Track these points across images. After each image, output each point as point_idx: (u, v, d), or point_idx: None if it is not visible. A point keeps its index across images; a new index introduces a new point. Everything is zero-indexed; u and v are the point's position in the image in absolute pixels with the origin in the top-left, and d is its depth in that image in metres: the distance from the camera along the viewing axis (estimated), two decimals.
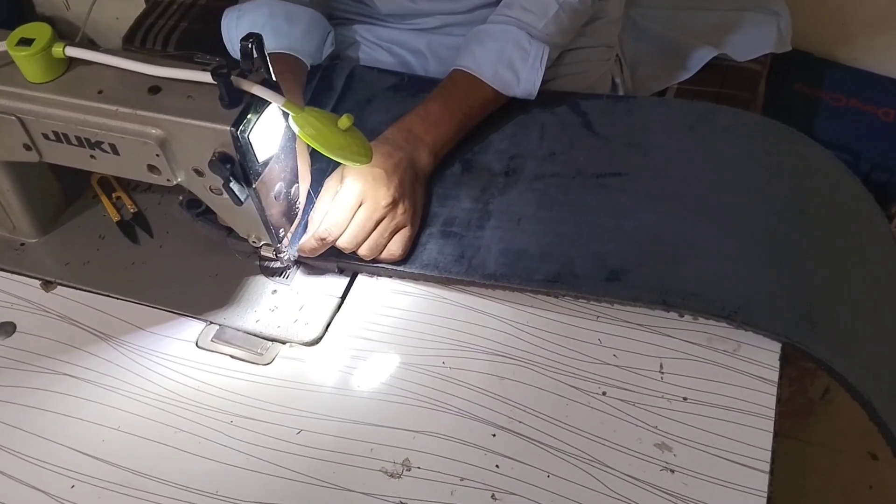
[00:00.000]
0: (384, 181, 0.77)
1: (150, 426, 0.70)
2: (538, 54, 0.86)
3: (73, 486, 0.67)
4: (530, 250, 0.77)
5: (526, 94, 0.88)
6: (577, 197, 0.81)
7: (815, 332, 0.71)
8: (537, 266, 0.76)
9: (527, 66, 0.86)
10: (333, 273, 0.80)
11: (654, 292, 0.73)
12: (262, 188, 0.69)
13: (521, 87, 0.87)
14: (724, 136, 0.86)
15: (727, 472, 0.65)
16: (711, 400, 0.69)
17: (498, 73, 0.86)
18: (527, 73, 0.86)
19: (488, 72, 0.86)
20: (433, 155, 0.83)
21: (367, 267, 0.79)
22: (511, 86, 0.87)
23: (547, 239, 0.78)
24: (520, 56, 0.86)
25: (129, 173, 0.72)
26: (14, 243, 0.85)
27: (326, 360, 0.74)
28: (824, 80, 1.42)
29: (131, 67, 0.68)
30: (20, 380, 0.74)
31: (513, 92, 0.87)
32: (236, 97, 0.65)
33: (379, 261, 0.78)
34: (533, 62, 0.86)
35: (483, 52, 0.87)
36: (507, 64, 0.86)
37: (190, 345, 0.76)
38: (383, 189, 0.77)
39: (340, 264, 0.79)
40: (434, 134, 0.84)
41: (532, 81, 0.87)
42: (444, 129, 0.84)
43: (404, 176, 0.79)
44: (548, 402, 0.70)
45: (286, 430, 0.70)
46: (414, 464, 0.67)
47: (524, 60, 0.86)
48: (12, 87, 0.70)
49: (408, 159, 0.80)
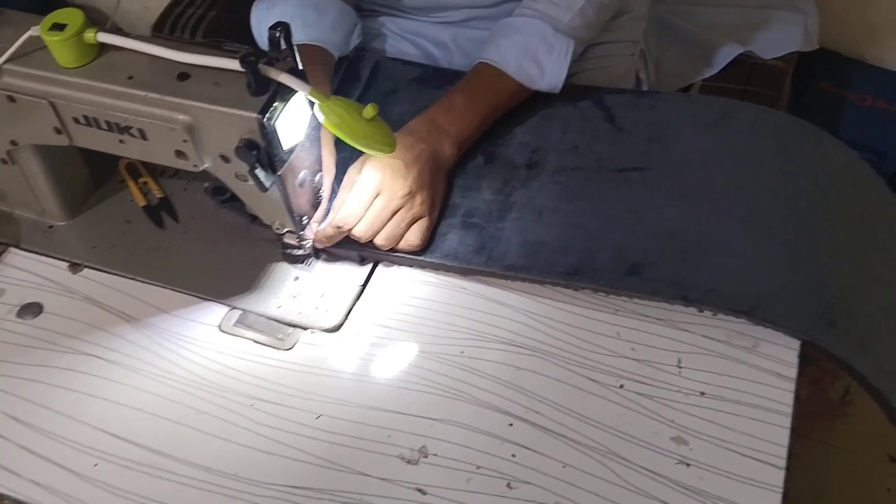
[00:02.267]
0: (402, 172, 0.78)
1: (173, 407, 0.72)
2: (563, 48, 0.86)
3: (97, 465, 0.69)
4: (550, 243, 0.78)
5: (550, 88, 0.88)
6: (599, 191, 0.82)
7: (835, 331, 0.71)
8: (557, 258, 0.77)
9: (551, 60, 0.86)
10: (355, 262, 0.81)
11: (674, 287, 0.73)
12: (287, 176, 0.70)
13: (546, 80, 0.87)
14: (747, 132, 0.85)
15: (743, 467, 0.65)
16: (729, 395, 0.69)
17: (522, 67, 0.86)
18: (551, 66, 0.86)
19: (513, 65, 0.86)
20: (457, 146, 0.84)
21: (389, 256, 0.79)
22: (535, 79, 0.87)
23: (567, 232, 0.79)
24: (545, 50, 0.86)
25: (156, 158, 0.73)
26: (42, 226, 0.87)
27: (346, 346, 0.75)
28: (850, 80, 1.41)
29: (161, 54, 0.69)
30: (47, 359, 0.76)
31: (537, 85, 0.87)
32: (263, 85, 0.66)
33: (397, 250, 0.79)
34: (558, 56, 0.86)
35: (508, 46, 0.87)
36: (532, 57, 0.86)
37: (213, 329, 0.77)
38: (401, 180, 0.77)
39: (362, 253, 0.80)
40: (458, 125, 0.84)
41: (557, 75, 0.87)
42: (467, 121, 0.85)
43: (424, 167, 0.79)
44: (565, 394, 0.70)
45: (306, 414, 0.70)
46: (431, 451, 0.67)
47: (549, 54, 0.86)
48: (45, 72, 0.71)
49: (430, 151, 0.81)
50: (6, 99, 0.73)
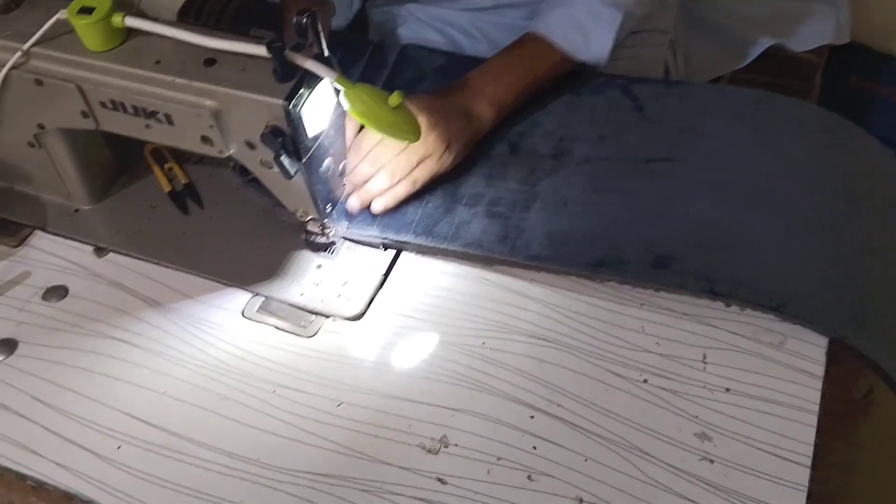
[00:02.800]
0: (435, 125, 0.78)
1: (196, 392, 0.72)
2: (611, 20, 0.85)
3: (120, 447, 0.69)
4: (575, 234, 0.77)
5: (595, 59, 0.87)
6: (626, 182, 0.81)
7: (864, 329, 0.70)
8: (582, 250, 0.76)
9: (598, 30, 0.85)
10: (378, 250, 0.80)
11: (702, 280, 0.72)
12: (312, 163, 0.70)
13: (591, 50, 0.86)
14: (779, 125, 0.84)
15: (768, 464, 0.64)
16: (754, 392, 0.68)
17: (567, 35, 0.85)
18: (597, 36, 0.85)
19: (558, 34, 0.86)
20: (493, 107, 0.84)
21: (412, 244, 0.79)
22: (580, 49, 0.86)
23: (593, 223, 0.78)
24: (591, 20, 0.85)
25: (182, 144, 0.73)
26: (68, 209, 0.87)
27: (368, 335, 0.75)
28: (882, 75, 1.38)
29: (188, 39, 0.69)
30: (72, 342, 0.76)
31: (582, 56, 0.86)
32: (290, 71, 0.66)
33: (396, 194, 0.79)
34: (605, 27, 0.85)
35: (554, 16, 0.86)
36: (578, 27, 0.85)
37: (236, 314, 0.77)
38: (432, 133, 0.78)
39: (385, 241, 0.80)
40: (494, 87, 0.84)
41: (602, 46, 0.86)
42: (505, 83, 0.84)
43: (449, 116, 0.80)
44: (587, 387, 0.69)
45: (327, 401, 0.70)
46: (451, 441, 0.67)
47: (595, 24, 0.85)
48: (72, 55, 0.71)
49: (458, 106, 0.81)
50: (33, 82, 0.73)
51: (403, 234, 0.79)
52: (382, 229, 0.79)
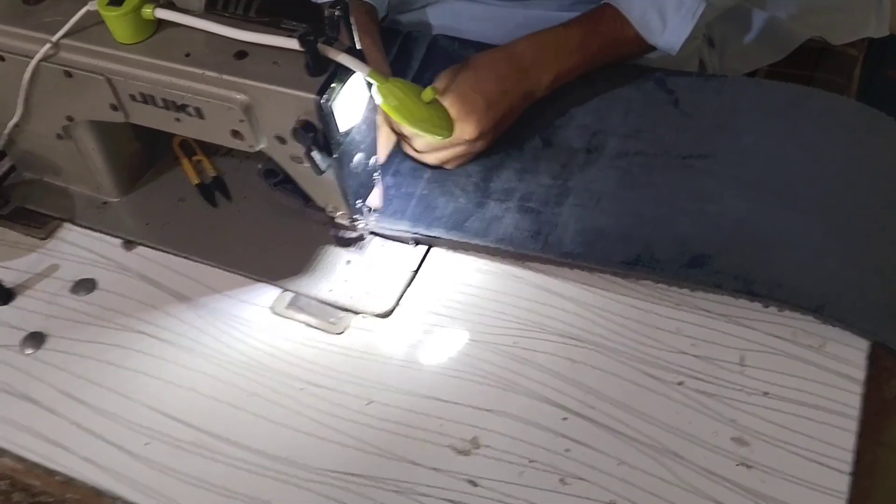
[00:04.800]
0: (480, 112, 0.77)
1: (224, 388, 0.71)
2: (693, 7, 0.83)
3: (148, 444, 0.69)
4: (609, 231, 0.76)
5: (668, 46, 0.84)
6: (661, 178, 0.79)
7: None
8: (616, 247, 0.74)
9: (677, 16, 0.83)
10: (408, 245, 0.79)
11: (739, 280, 0.71)
12: (343, 158, 0.69)
13: (666, 36, 0.84)
14: (817, 121, 0.82)
15: (806, 470, 0.63)
16: (793, 396, 0.66)
17: (646, 16, 0.83)
18: (675, 22, 0.83)
19: (637, 12, 0.83)
20: (555, 78, 0.83)
21: (443, 240, 0.78)
22: (655, 32, 0.84)
23: (627, 220, 0.76)
24: (673, 6, 0.83)
25: (212, 137, 0.73)
26: (97, 202, 0.87)
27: (398, 332, 0.74)
28: None
29: (219, 31, 0.68)
30: (100, 336, 0.76)
31: (655, 39, 0.84)
32: (322, 65, 0.65)
33: None
34: (685, 14, 0.83)
35: None
36: (658, 9, 0.83)
37: (265, 310, 0.76)
38: (473, 123, 0.77)
39: (416, 236, 0.79)
40: (564, 61, 0.83)
41: (678, 33, 0.83)
42: (575, 60, 0.83)
43: (508, 111, 0.80)
44: (621, 389, 0.68)
45: (356, 400, 0.70)
46: (483, 442, 0.66)
47: (677, 10, 0.83)
48: (102, 47, 0.71)
49: (523, 90, 0.81)
50: (63, 74, 0.73)
51: (434, 229, 0.78)
52: (413, 224, 0.78)
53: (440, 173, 0.83)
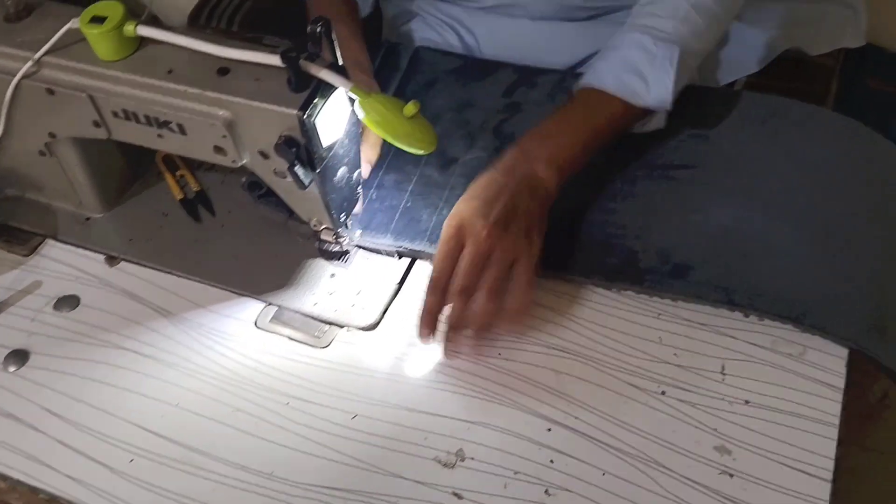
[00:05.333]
0: (483, 210, 0.71)
1: (208, 404, 0.71)
2: (666, 55, 0.78)
3: (132, 460, 0.68)
4: (593, 242, 0.77)
5: (659, 102, 0.79)
6: (643, 188, 0.80)
7: (885, 340, 0.69)
8: (599, 258, 0.75)
9: (654, 70, 0.78)
10: (392, 258, 0.80)
11: (720, 290, 0.71)
12: (326, 172, 0.69)
13: (652, 93, 0.79)
14: (798, 131, 0.83)
15: (788, 478, 0.63)
16: (774, 404, 0.67)
17: (622, 81, 0.79)
18: (655, 75, 0.78)
19: (611, 81, 0.79)
20: (554, 168, 0.75)
21: (426, 253, 0.78)
22: (639, 93, 0.79)
23: (610, 231, 0.77)
24: (646, 60, 0.78)
25: (195, 153, 0.73)
26: (80, 218, 0.87)
27: (383, 345, 0.74)
28: None
29: (201, 48, 0.68)
30: (83, 353, 0.76)
31: (643, 100, 0.79)
32: (304, 81, 0.65)
33: (507, 321, 0.71)
34: (661, 64, 0.78)
35: (605, 65, 0.80)
36: (632, 69, 0.79)
37: (249, 325, 0.76)
38: (482, 219, 0.70)
39: (400, 250, 0.79)
40: (550, 147, 0.76)
41: (663, 86, 0.78)
42: (562, 142, 0.77)
43: (510, 200, 0.72)
44: (605, 399, 0.69)
45: (341, 413, 0.70)
46: (468, 454, 0.67)
47: (650, 63, 0.78)
48: (84, 65, 0.71)
49: (517, 180, 0.73)
50: (45, 91, 0.73)
51: (418, 243, 0.78)
52: (397, 237, 0.79)
53: (424, 185, 0.83)
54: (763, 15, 1.05)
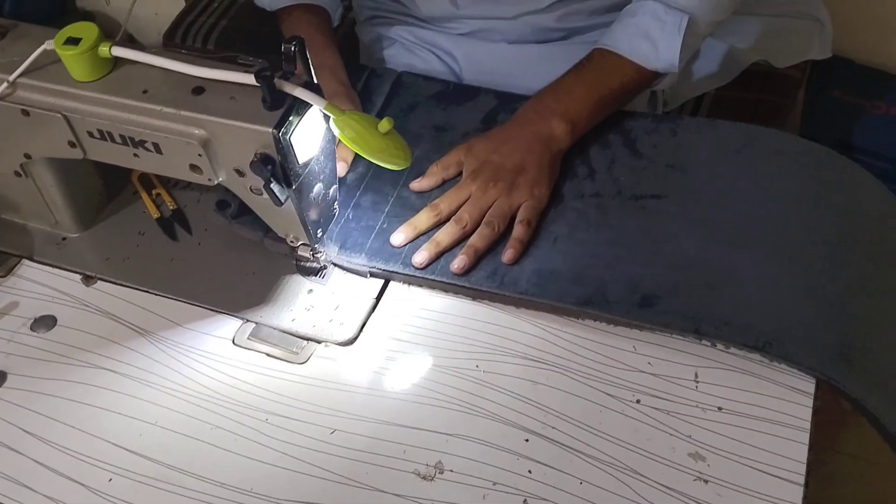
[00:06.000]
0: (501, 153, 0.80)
1: (187, 422, 0.71)
2: (676, 23, 0.84)
3: (111, 480, 0.68)
4: (563, 272, 0.77)
5: (667, 66, 0.86)
6: (616, 219, 0.80)
7: (851, 369, 0.69)
8: (570, 288, 0.75)
9: (664, 36, 0.85)
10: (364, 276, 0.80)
11: (688, 320, 0.72)
12: (303, 189, 0.70)
13: (661, 55, 0.85)
14: (770, 161, 0.84)
15: (761, 483, 0.64)
16: (746, 410, 0.68)
17: (634, 45, 0.85)
18: (665, 42, 0.85)
19: (624, 44, 0.86)
20: (568, 123, 0.83)
21: (400, 274, 0.78)
22: (650, 58, 0.85)
23: (581, 261, 0.77)
24: (657, 27, 0.85)
25: (171, 172, 0.73)
26: (56, 238, 0.87)
27: (361, 360, 0.75)
28: (864, 88, 1.40)
29: (176, 68, 0.69)
30: (61, 373, 0.76)
31: (652, 64, 0.86)
32: (279, 99, 0.66)
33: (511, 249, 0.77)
34: (671, 31, 0.84)
35: (620, 29, 0.87)
36: (644, 35, 0.85)
37: (227, 342, 0.77)
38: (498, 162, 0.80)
39: (373, 270, 0.79)
40: (566, 102, 0.84)
41: (671, 51, 0.85)
42: (577, 98, 0.84)
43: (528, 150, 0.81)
44: (581, 409, 0.70)
45: (320, 429, 0.70)
46: (447, 467, 0.67)
47: (661, 30, 0.85)
48: (59, 86, 0.71)
49: (531, 134, 0.82)
50: (20, 112, 0.73)
51: (392, 264, 0.78)
52: (371, 258, 0.79)
53: (400, 207, 0.84)
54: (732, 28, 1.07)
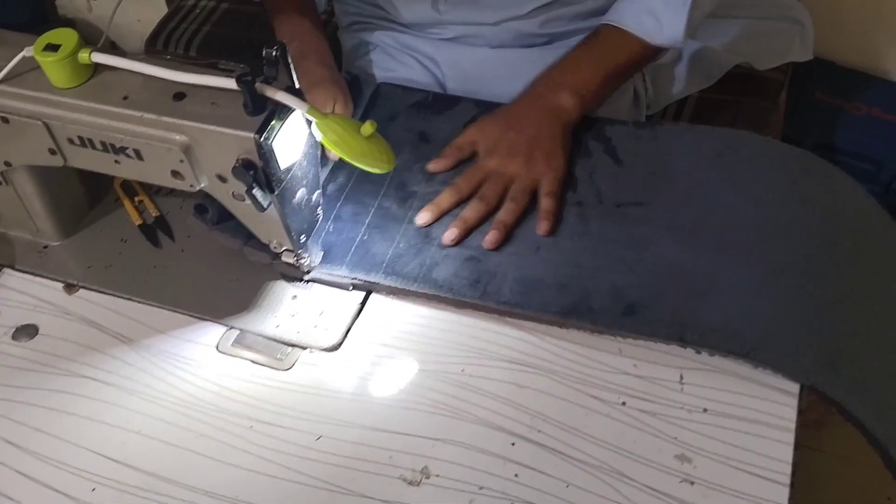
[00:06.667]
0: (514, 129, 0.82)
1: (171, 430, 0.71)
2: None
3: (94, 489, 0.68)
4: (547, 280, 0.76)
5: (671, 41, 0.87)
6: (598, 226, 0.80)
7: (836, 375, 0.69)
8: (553, 297, 0.75)
9: (669, 11, 0.86)
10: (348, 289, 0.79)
11: (672, 328, 0.71)
12: (285, 194, 0.70)
13: (665, 32, 0.87)
14: (751, 166, 0.84)
15: (747, 484, 0.64)
16: (732, 412, 0.68)
17: (640, 20, 0.87)
18: (669, 17, 0.86)
19: (629, 19, 0.87)
20: (576, 97, 0.85)
21: (381, 285, 0.78)
22: (654, 32, 0.87)
23: (564, 270, 0.77)
24: (662, 2, 0.86)
25: (152, 178, 0.73)
26: (37, 246, 0.86)
27: (346, 366, 0.74)
28: (846, 89, 1.41)
29: (156, 74, 0.68)
30: (42, 382, 0.75)
31: (656, 39, 0.87)
32: (260, 104, 0.65)
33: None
34: (675, 7, 0.85)
35: (626, 4, 0.88)
36: (649, 11, 0.87)
37: (210, 349, 0.76)
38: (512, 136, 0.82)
39: (354, 282, 0.78)
40: (574, 76, 0.86)
41: (676, 25, 0.86)
42: (584, 72, 0.86)
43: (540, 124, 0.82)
44: (567, 412, 0.69)
45: (306, 435, 0.70)
46: (433, 472, 0.67)
47: (666, 5, 0.86)
48: (39, 93, 0.71)
49: (541, 109, 0.84)
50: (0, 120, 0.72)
51: (373, 275, 0.78)
52: (352, 269, 0.78)
53: (381, 218, 0.83)
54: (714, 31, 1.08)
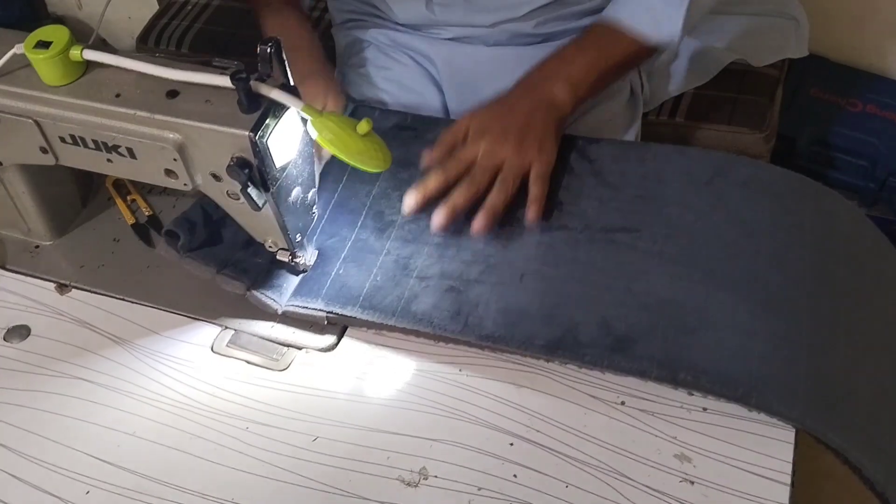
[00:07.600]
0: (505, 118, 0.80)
1: (166, 431, 0.70)
2: None
3: (88, 492, 0.67)
4: (532, 311, 0.72)
5: (667, 39, 0.86)
6: (585, 254, 0.76)
7: (833, 416, 0.66)
8: (538, 329, 0.71)
9: (666, 7, 0.85)
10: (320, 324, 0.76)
11: (663, 367, 0.68)
12: (280, 193, 0.69)
13: (662, 30, 0.85)
14: (743, 191, 0.79)
15: (748, 483, 0.64)
16: (731, 410, 0.68)
17: (635, 17, 0.85)
18: (666, 15, 0.85)
19: (625, 15, 0.86)
20: (570, 89, 0.84)
21: (358, 320, 0.74)
22: (650, 30, 0.86)
23: (550, 300, 0.73)
24: (659, 1, 0.85)
25: (145, 177, 0.72)
26: (29, 246, 0.85)
27: (342, 366, 0.74)
28: (841, 86, 1.41)
29: (149, 71, 0.68)
30: (35, 384, 0.74)
31: (653, 37, 0.86)
32: (255, 102, 0.65)
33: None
34: (674, 4, 0.84)
35: (622, 2, 0.87)
36: (646, 7, 0.85)
37: (205, 350, 0.75)
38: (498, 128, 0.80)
39: (329, 316, 0.75)
40: (567, 69, 0.85)
41: (672, 24, 0.85)
42: (579, 66, 0.85)
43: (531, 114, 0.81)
44: (566, 412, 0.69)
45: (302, 436, 0.69)
46: (431, 472, 0.66)
47: (664, 2, 0.85)
48: (30, 90, 0.70)
49: (534, 99, 0.83)
50: None
51: (349, 308, 0.74)
52: (327, 303, 0.75)
53: (358, 251, 0.79)
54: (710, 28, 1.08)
